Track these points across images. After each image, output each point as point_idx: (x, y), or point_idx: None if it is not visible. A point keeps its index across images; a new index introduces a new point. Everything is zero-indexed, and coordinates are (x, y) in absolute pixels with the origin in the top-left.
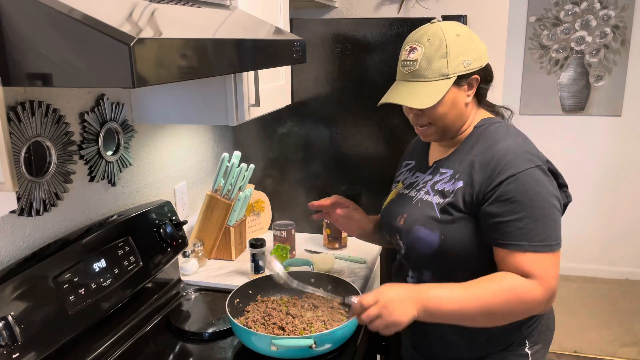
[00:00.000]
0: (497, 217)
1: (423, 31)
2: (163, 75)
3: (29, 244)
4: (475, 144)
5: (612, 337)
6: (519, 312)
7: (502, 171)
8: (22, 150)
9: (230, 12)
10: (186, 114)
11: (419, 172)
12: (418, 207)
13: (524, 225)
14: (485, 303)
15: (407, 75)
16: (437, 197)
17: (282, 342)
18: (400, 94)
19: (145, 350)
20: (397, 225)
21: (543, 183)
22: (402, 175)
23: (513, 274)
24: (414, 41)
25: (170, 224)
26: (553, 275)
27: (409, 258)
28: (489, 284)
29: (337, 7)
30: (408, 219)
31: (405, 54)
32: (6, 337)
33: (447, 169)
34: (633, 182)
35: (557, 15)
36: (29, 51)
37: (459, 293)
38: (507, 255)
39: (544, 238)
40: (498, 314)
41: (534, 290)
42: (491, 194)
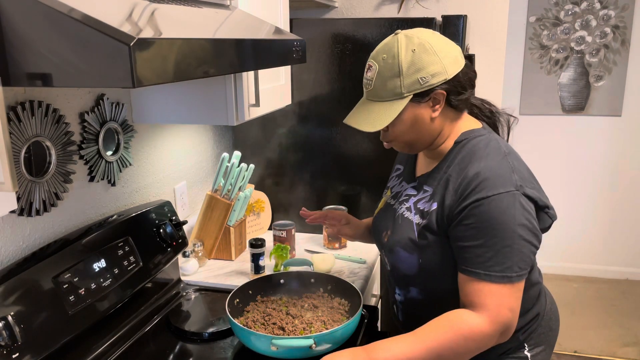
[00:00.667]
0: (459, 241)
1: (382, 46)
2: (163, 75)
3: (29, 244)
4: (452, 163)
5: (612, 337)
6: (469, 349)
7: (470, 194)
8: (22, 150)
9: (230, 12)
10: (186, 114)
11: (404, 182)
12: (399, 225)
13: (482, 253)
14: (435, 349)
15: (366, 93)
16: (417, 216)
17: (282, 342)
18: (356, 115)
19: (145, 350)
20: (383, 241)
21: (510, 212)
22: (392, 180)
23: (463, 312)
24: (372, 59)
25: (170, 224)
26: (507, 307)
27: (394, 275)
28: (439, 329)
29: (337, 7)
30: (391, 237)
31: (365, 72)
32: (6, 337)
33: (428, 187)
34: (633, 182)
35: (557, 15)
36: (29, 51)
37: (409, 347)
38: (465, 282)
39: (503, 269)
40: (447, 356)
41: (480, 326)
42: (457, 216)
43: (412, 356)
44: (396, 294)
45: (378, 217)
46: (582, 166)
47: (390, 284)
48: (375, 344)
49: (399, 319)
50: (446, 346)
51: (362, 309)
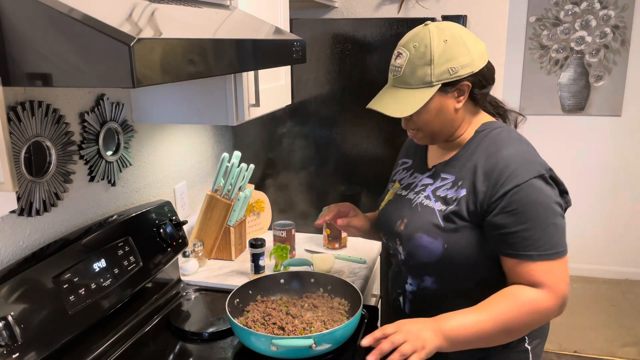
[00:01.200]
0: (504, 229)
1: (412, 35)
2: (163, 75)
3: (29, 244)
4: (477, 150)
5: (612, 337)
6: (535, 323)
7: (507, 182)
8: (22, 150)
9: (230, 12)
10: (186, 114)
11: (417, 173)
12: (418, 213)
13: (531, 235)
14: (502, 322)
15: (394, 80)
16: (439, 203)
17: (282, 342)
18: (383, 100)
19: (145, 350)
20: (397, 230)
21: (546, 192)
22: (398, 174)
23: (524, 287)
24: (402, 46)
25: (170, 224)
26: (563, 281)
27: (408, 264)
28: (503, 302)
29: (337, 7)
30: (409, 224)
31: (393, 58)
32: (6, 337)
33: (448, 175)
34: (633, 182)
35: (557, 15)
36: (29, 51)
37: (476, 317)
38: (517, 265)
39: (552, 246)
40: (516, 330)
41: (546, 300)
42: (496, 204)
43: (480, 328)
44: (407, 284)
45: (388, 208)
46: (582, 166)
47: (400, 275)
48: (442, 316)
49: (405, 311)
50: (513, 319)
51: (362, 309)
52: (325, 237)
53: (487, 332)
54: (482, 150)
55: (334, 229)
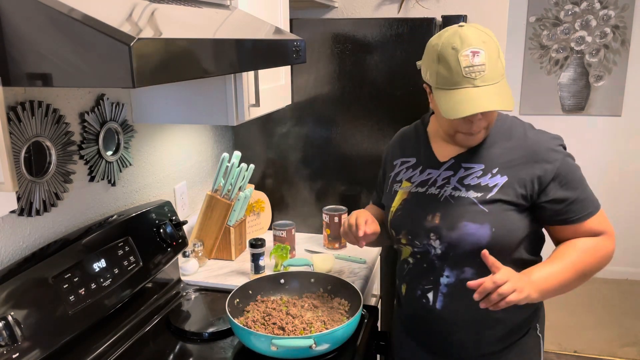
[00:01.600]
0: (566, 201)
1: (473, 34)
2: (163, 75)
3: (29, 244)
4: (495, 139)
5: (612, 337)
6: (603, 265)
7: (552, 159)
8: (22, 150)
9: (230, 12)
10: (186, 114)
11: (430, 169)
12: (452, 204)
13: (585, 197)
14: (581, 269)
15: (477, 80)
16: (472, 191)
17: (282, 342)
18: (486, 100)
19: (145, 350)
20: (429, 225)
21: (572, 156)
22: (402, 173)
23: (587, 238)
24: (473, 46)
25: (170, 224)
26: (610, 224)
27: (447, 257)
28: (576, 252)
29: (337, 7)
30: (446, 217)
31: (467, 60)
32: (6, 337)
33: (473, 164)
34: (633, 182)
35: (557, 15)
36: (29, 51)
37: (559, 268)
38: (579, 227)
39: (595, 199)
40: (589, 274)
41: (610, 244)
42: (552, 182)
43: (564, 277)
44: (443, 277)
45: (407, 207)
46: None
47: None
48: (530, 269)
49: (436, 306)
50: (589, 266)
51: (362, 309)
52: (325, 237)
53: (568, 280)
54: (500, 138)
55: (334, 229)
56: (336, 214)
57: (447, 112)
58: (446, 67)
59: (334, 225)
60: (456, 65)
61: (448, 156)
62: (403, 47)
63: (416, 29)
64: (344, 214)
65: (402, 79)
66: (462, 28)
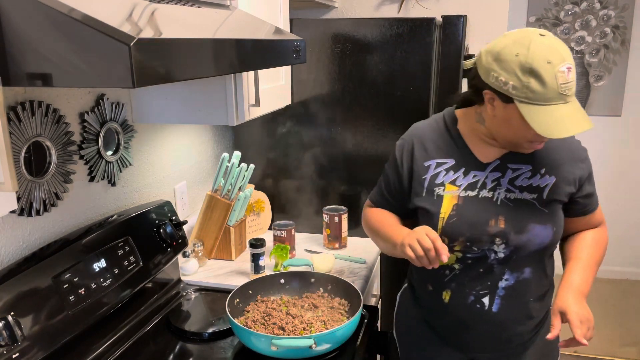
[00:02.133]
0: (591, 192)
1: (559, 46)
2: (163, 75)
3: (29, 244)
4: None
5: (612, 337)
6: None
7: (585, 159)
8: (22, 150)
9: (230, 12)
10: (186, 114)
11: (474, 171)
12: (512, 207)
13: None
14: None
15: (568, 97)
16: (525, 193)
17: (282, 342)
18: (580, 117)
19: (145, 350)
20: (495, 230)
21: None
22: (442, 176)
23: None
24: (566, 61)
25: (170, 224)
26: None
27: (509, 260)
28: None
29: (337, 7)
30: (511, 220)
31: (564, 76)
32: (6, 337)
33: (520, 165)
34: (633, 182)
35: (557, 15)
36: (29, 51)
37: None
38: (591, 218)
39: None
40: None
41: (605, 233)
42: (587, 180)
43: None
44: (502, 280)
45: (462, 213)
46: None
47: (490, 274)
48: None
49: (492, 309)
50: (601, 257)
51: (362, 309)
52: (325, 237)
53: (594, 275)
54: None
55: (334, 229)
56: (336, 214)
57: (544, 130)
58: (540, 82)
59: (334, 225)
60: (552, 81)
61: (491, 157)
62: (403, 47)
63: (416, 29)
64: (344, 214)
65: (402, 79)
66: (547, 39)
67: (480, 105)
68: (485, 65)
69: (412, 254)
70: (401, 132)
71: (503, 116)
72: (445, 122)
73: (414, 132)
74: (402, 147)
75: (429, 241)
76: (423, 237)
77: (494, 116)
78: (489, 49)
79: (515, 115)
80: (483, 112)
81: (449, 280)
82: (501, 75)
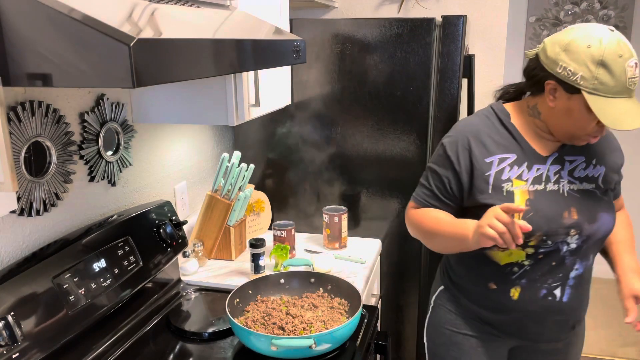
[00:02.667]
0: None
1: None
2: (163, 75)
3: (29, 244)
4: None
5: (612, 337)
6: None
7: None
8: (22, 150)
9: (230, 12)
10: (186, 114)
11: (537, 165)
12: (578, 198)
13: None
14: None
15: (632, 91)
16: (585, 183)
17: (282, 342)
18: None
19: (145, 350)
20: (570, 222)
21: None
22: (507, 172)
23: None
24: (634, 57)
25: (170, 224)
26: None
27: (580, 250)
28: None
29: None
30: (583, 210)
31: (632, 70)
32: (6, 337)
33: (575, 157)
34: (633, 182)
35: (557, 15)
36: (29, 51)
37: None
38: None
39: None
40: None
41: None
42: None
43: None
44: (573, 271)
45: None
46: None
47: (562, 266)
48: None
49: (563, 300)
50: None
51: (362, 309)
52: (325, 237)
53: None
54: None
55: (334, 229)
56: (336, 214)
57: (611, 122)
58: (610, 74)
59: (333, 225)
60: (622, 75)
61: (549, 150)
62: (403, 47)
63: (416, 29)
64: (344, 214)
65: (402, 79)
66: (617, 34)
67: (535, 97)
68: (551, 56)
69: (493, 232)
70: (401, 132)
71: (565, 107)
72: (499, 117)
73: (465, 129)
74: (455, 144)
75: (506, 216)
76: (499, 213)
77: (554, 107)
78: (556, 40)
79: (578, 107)
80: (539, 104)
81: (518, 277)
82: (570, 66)
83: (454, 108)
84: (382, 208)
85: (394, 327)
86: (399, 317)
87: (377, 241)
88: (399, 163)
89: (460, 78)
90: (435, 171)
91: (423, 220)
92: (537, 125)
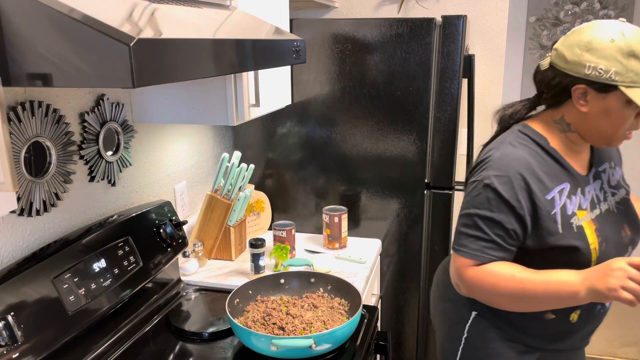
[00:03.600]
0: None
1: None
2: (163, 75)
3: (29, 244)
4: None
5: (612, 337)
6: None
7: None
8: (22, 150)
9: (230, 12)
10: (186, 114)
11: (586, 187)
12: (623, 209)
13: None
14: None
15: None
16: (621, 190)
17: (282, 342)
18: None
19: (145, 350)
20: (627, 239)
21: None
22: (569, 205)
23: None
24: None
25: (170, 224)
26: None
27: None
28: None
29: (337, 7)
30: (630, 222)
31: None
32: (6, 337)
33: (601, 166)
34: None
35: (557, 15)
36: (29, 51)
37: None
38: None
39: None
40: None
41: None
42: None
43: None
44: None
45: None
46: None
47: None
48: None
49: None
50: None
51: (362, 309)
52: (325, 237)
53: None
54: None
55: (334, 229)
56: (336, 214)
57: None
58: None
59: (334, 225)
60: None
61: (585, 167)
62: (403, 47)
63: (416, 29)
64: (344, 214)
65: (402, 79)
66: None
67: (556, 109)
68: (574, 59)
69: (631, 296)
70: (401, 131)
71: (601, 108)
72: (538, 143)
73: (516, 165)
74: (510, 184)
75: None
76: (633, 274)
77: (587, 112)
78: (572, 43)
79: (615, 104)
80: (565, 115)
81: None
82: (600, 64)
83: (454, 108)
84: (382, 208)
85: (394, 327)
86: (399, 317)
87: (377, 241)
88: (399, 163)
89: (460, 78)
90: (490, 218)
91: (498, 282)
92: (570, 139)
